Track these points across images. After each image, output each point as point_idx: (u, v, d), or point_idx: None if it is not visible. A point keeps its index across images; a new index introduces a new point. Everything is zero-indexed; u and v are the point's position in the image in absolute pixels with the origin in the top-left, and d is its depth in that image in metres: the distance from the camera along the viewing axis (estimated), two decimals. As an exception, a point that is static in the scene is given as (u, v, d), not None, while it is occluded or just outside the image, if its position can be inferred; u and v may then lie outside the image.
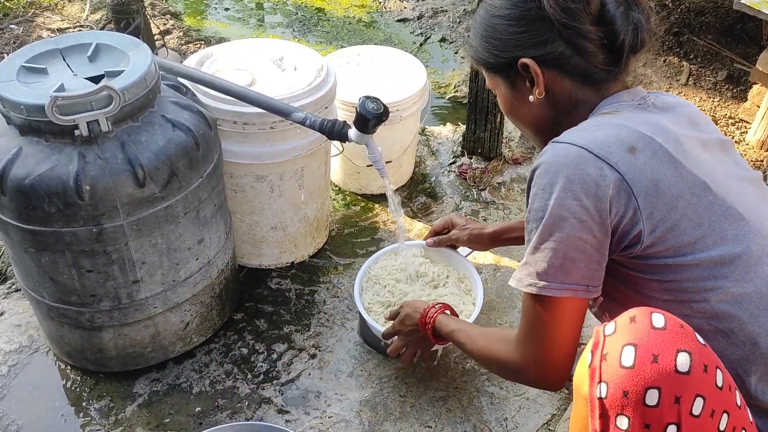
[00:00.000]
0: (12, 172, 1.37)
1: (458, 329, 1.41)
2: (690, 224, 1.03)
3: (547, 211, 1.03)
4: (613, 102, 1.13)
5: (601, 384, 0.90)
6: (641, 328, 0.89)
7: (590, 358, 0.93)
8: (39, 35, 3.43)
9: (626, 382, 0.87)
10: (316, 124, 1.65)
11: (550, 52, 1.11)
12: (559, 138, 1.06)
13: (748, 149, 2.68)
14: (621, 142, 1.03)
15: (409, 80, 2.24)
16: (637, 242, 1.03)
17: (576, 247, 1.03)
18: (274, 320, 1.92)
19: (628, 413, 0.88)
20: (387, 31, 3.77)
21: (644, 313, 0.91)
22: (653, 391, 0.86)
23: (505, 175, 2.49)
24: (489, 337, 1.29)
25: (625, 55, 1.11)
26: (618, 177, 1.00)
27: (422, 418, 1.65)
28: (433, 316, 1.49)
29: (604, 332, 0.93)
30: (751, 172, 1.16)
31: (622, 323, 0.92)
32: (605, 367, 0.90)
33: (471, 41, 1.23)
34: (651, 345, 0.87)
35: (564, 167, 1.02)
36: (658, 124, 1.08)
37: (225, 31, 3.72)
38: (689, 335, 0.89)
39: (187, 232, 1.58)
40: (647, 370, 0.86)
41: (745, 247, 1.04)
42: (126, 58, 1.51)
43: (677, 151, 1.05)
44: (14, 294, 1.96)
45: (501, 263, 2.11)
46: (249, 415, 1.66)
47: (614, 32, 1.09)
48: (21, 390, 1.71)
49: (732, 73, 3.14)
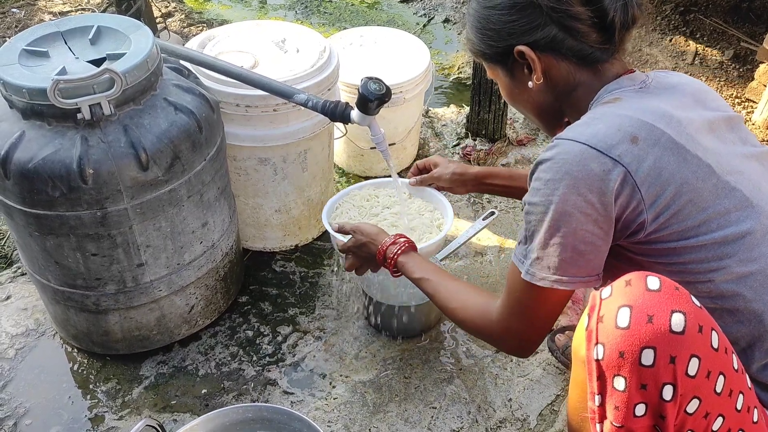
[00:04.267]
0: (15, 156, 1.37)
1: (425, 278, 1.35)
2: (694, 209, 1.03)
3: (552, 206, 1.04)
4: (614, 89, 1.13)
5: (598, 346, 0.92)
6: (636, 291, 0.91)
7: (587, 321, 0.95)
8: (41, 19, 3.42)
9: (622, 343, 0.89)
10: (318, 105, 1.64)
11: (543, 37, 1.12)
12: (562, 134, 1.07)
13: (754, 129, 2.66)
14: (623, 133, 1.03)
15: (413, 62, 2.22)
16: (640, 230, 1.04)
17: (584, 240, 1.04)
18: (279, 303, 1.92)
19: (624, 374, 0.90)
20: (390, 12, 3.74)
21: (640, 276, 0.93)
22: (648, 350, 0.87)
23: (509, 156, 2.47)
24: (464, 301, 1.27)
25: (618, 32, 1.11)
26: (622, 170, 1.01)
27: (427, 399, 1.66)
28: (394, 256, 1.41)
29: (600, 296, 0.95)
30: (758, 147, 1.16)
31: (618, 287, 0.94)
32: (601, 329, 0.92)
33: (468, 35, 1.24)
34: (646, 306, 0.89)
35: (567, 164, 1.03)
36: (659, 109, 1.08)
37: (227, 13, 3.70)
38: (684, 297, 0.91)
39: (191, 215, 1.59)
40: (642, 330, 0.88)
41: (748, 227, 1.04)
42: (128, 41, 1.50)
43: (680, 136, 1.05)
44: (20, 278, 1.97)
45: (505, 245, 2.11)
46: (255, 396, 1.67)
47: (603, 10, 1.09)
48: (28, 373, 1.72)
49: (739, 52, 3.11)
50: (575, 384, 1.03)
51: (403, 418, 1.62)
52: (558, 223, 1.04)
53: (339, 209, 1.76)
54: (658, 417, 0.90)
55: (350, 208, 1.76)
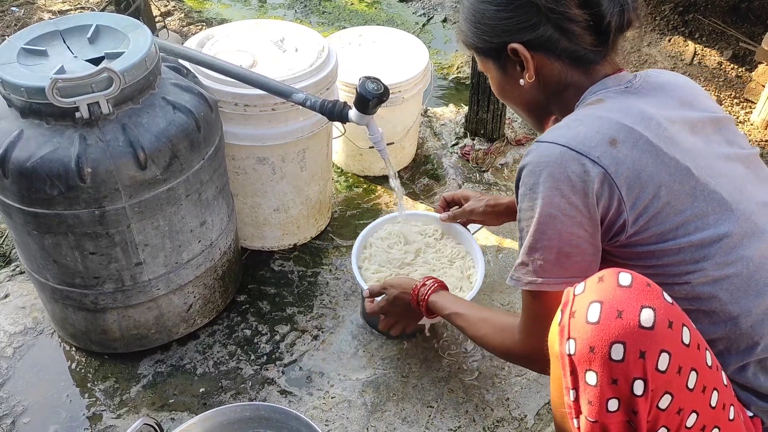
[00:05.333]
0: (14, 154, 1.38)
1: (455, 313, 1.41)
2: (672, 211, 1.04)
3: (537, 210, 1.05)
4: (598, 90, 1.14)
5: (570, 341, 0.93)
6: (608, 287, 0.92)
7: (560, 317, 0.96)
8: (40, 17, 3.41)
9: (592, 338, 0.90)
10: (317, 105, 1.64)
11: (538, 36, 1.12)
12: (543, 137, 1.08)
13: (752, 129, 2.67)
14: (602, 135, 1.04)
15: (412, 61, 2.23)
16: (622, 231, 1.05)
17: (569, 243, 1.05)
18: (277, 302, 1.92)
19: (595, 368, 0.91)
20: (389, 12, 3.74)
21: (612, 272, 0.94)
22: (618, 345, 0.88)
23: (507, 156, 2.48)
24: (491, 326, 1.31)
25: (612, 36, 1.12)
26: (601, 171, 1.02)
27: (424, 399, 1.66)
28: (426, 296, 1.49)
29: (574, 292, 0.96)
30: (745, 149, 1.16)
31: (590, 283, 0.95)
32: (573, 324, 0.93)
33: (461, 26, 1.24)
34: (616, 301, 0.90)
35: (548, 166, 1.03)
36: (641, 111, 1.08)
37: (226, 12, 3.70)
38: (655, 293, 0.92)
39: (189, 214, 1.59)
40: (612, 325, 0.89)
41: (726, 230, 1.05)
42: (126, 39, 1.50)
43: (658, 138, 1.06)
44: (18, 276, 1.97)
45: (503, 244, 2.11)
46: (252, 395, 1.68)
47: (600, 14, 1.09)
48: (26, 371, 1.73)
49: (737, 52, 3.11)
50: (554, 380, 1.04)
51: (400, 417, 1.62)
52: (543, 226, 1.05)
53: (368, 251, 1.79)
54: (630, 412, 0.91)
55: (379, 251, 1.78)
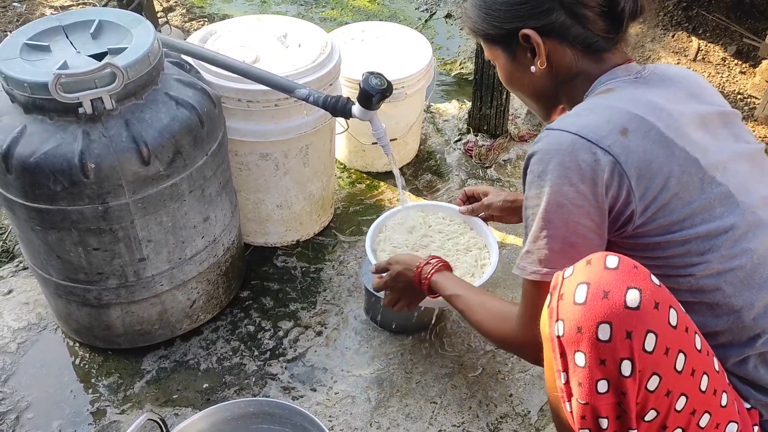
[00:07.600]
0: (17, 150, 1.38)
1: (456, 295, 1.37)
2: (680, 203, 1.04)
3: (544, 198, 1.04)
4: (608, 80, 1.13)
5: (559, 322, 0.94)
6: (595, 269, 0.93)
7: (549, 300, 0.97)
8: (42, 13, 3.41)
9: (579, 318, 0.91)
10: (320, 100, 1.64)
11: (551, 22, 1.11)
12: (553, 125, 1.07)
13: (756, 125, 2.66)
14: (613, 124, 1.03)
15: (415, 57, 2.22)
16: (629, 222, 1.04)
17: (575, 232, 1.04)
18: (280, 298, 1.92)
19: (583, 349, 0.91)
20: (392, 8, 3.73)
21: (600, 256, 0.95)
22: (605, 325, 0.89)
23: (511, 152, 2.47)
24: (489, 311, 1.28)
25: (625, 23, 1.11)
26: (611, 160, 1.01)
27: (428, 394, 1.66)
28: (429, 275, 1.44)
29: (563, 275, 0.97)
30: (751, 145, 1.15)
31: (579, 266, 0.96)
32: (561, 305, 0.94)
33: (468, 12, 1.22)
34: (602, 283, 0.91)
35: (558, 154, 1.02)
36: (651, 102, 1.08)
37: (229, 8, 3.69)
38: (642, 275, 0.92)
39: (193, 210, 1.59)
40: (598, 305, 0.90)
41: (731, 222, 1.04)
42: (129, 35, 1.50)
43: (669, 129, 1.05)
44: (22, 272, 1.97)
45: (507, 240, 2.11)
46: (256, 391, 1.68)
47: (616, 0, 1.09)
48: (30, 367, 1.73)
49: (741, 48, 3.10)
50: (547, 364, 1.03)
51: (404, 413, 1.62)
52: (549, 215, 1.04)
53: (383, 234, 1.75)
54: (620, 394, 0.91)
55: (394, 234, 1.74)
